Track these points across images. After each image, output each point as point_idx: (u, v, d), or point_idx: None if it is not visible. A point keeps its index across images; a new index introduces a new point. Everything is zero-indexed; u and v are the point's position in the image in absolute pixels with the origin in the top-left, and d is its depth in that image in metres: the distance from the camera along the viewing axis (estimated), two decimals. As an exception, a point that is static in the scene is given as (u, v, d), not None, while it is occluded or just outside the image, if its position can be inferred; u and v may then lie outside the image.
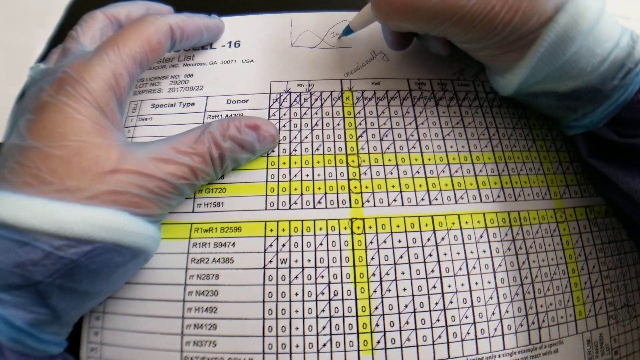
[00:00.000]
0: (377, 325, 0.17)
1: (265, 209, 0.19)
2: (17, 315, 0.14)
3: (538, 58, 0.16)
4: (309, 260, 0.18)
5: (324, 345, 0.17)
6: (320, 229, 0.19)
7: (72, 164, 0.15)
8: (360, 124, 0.21)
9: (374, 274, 0.18)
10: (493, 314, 0.18)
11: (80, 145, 0.15)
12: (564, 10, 0.16)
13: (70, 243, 0.14)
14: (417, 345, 0.17)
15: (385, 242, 0.19)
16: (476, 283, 0.18)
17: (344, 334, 0.17)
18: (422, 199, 0.20)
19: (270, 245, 0.18)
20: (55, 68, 0.17)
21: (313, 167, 0.20)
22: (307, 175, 0.20)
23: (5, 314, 0.14)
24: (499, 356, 0.17)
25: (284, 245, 0.18)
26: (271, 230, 0.19)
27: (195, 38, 0.21)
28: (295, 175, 0.20)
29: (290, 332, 0.17)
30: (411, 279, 0.18)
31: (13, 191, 0.15)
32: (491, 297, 0.18)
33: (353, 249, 0.18)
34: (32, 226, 0.14)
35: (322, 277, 0.18)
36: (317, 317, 0.17)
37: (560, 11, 0.16)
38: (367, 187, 0.20)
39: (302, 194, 0.19)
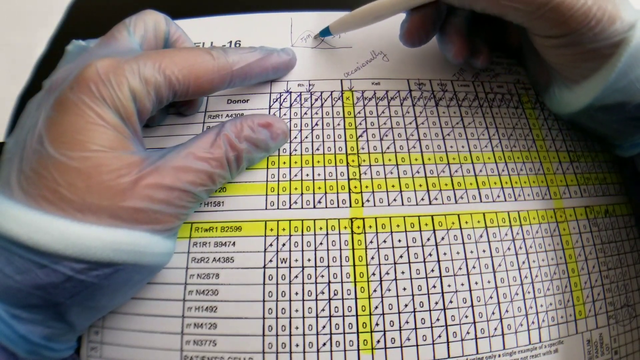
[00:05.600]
0: (377, 324, 0.17)
1: (266, 209, 0.19)
2: (35, 331, 0.14)
3: (623, 63, 0.16)
4: (309, 260, 0.18)
5: (324, 344, 0.17)
6: (320, 228, 0.19)
7: (92, 179, 0.14)
8: (360, 123, 0.21)
9: (373, 274, 0.18)
10: (493, 313, 0.18)
11: (101, 156, 0.15)
12: None
13: (92, 266, 0.14)
14: (417, 345, 0.17)
15: (385, 241, 0.19)
16: (476, 283, 0.18)
17: (344, 333, 0.17)
18: (422, 199, 0.20)
19: (271, 245, 0.18)
20: (89, 55, 0.16)
21: (313, 166, 0.20)
22: (307, 174, 0.20)
23: (22, 330, 0.14)
24: (499, 356, 0.18)
25: (284, 244, 0.18)
26: (271, 229, 0.19)
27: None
28: (296, 175, 0.20)
29: (290, 332, 0.17)
30: (411, 278, 0.18)
31: (30, 207, 0.14)
32: (491, 297, 0.18)
33: (353, 249, 0.18)
34: (53, 250, 0.14)
35: (322, 276, 0.18)
36: (317, 317, 0.17)
37: None
38: (367, 186, 0.20)
39: (302, 193, 0.19)
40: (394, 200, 0.19)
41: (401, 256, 0.18)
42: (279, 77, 0.22)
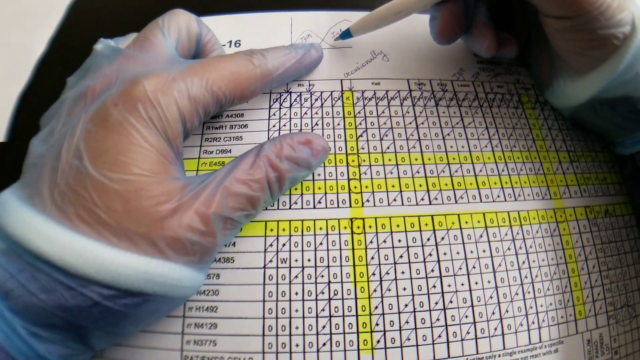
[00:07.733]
0: (377, 324, 0.17)
1: (266, 209, 0.19)
2: (53, 351, 0.14)
3: (631, 54, 0.16)
4: (309, 260, 0.18)
5: (324, 344, 0.17)
6: (320, 228, 0.19)
7: (131, 203, 0.14)
8: (360, 123, 0.21)
9: (373, 274, 0.18)
10: (493, 313, 0.18)
11: (142, 180, 0.14)
12: None
13: (121, 294, 0.14)
14: (417, 345, 0.17)
15: (385, 241, 0.19)
16: (476, 283, 0.18)
17: (344, 333, 0.17)
18: (422, 199, 0.20)
19: (271, 245, 0.18)
20: (129, 62, 0.16)
21: (313, 166, 0.20)
22: (307, 174, 0.20)
23: (41, 350, 0.13)
24: (499, 356, 0.18)
25: (284, 244, 0.18)
26: (271, 230, 0.19)
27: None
28: (296, 175, 0.20)
29: (290, 332, 0.17)
30: (411, 278, 0.18)
31: (64, 225, 0.13)
32: (491, 297, 0.18)
33: (353, 249, 0.18)
34: (83, 273, 0.13)
35: (322, 276, 0.18)
36: (317, 317, 0.17)
37: None
38: (367, 186, 0.20)
39: (302, 193, 0.19)
40: (394, 200, 0.19)
41: (401, 256, 0.18)
42: (307, 74, 0.22)
